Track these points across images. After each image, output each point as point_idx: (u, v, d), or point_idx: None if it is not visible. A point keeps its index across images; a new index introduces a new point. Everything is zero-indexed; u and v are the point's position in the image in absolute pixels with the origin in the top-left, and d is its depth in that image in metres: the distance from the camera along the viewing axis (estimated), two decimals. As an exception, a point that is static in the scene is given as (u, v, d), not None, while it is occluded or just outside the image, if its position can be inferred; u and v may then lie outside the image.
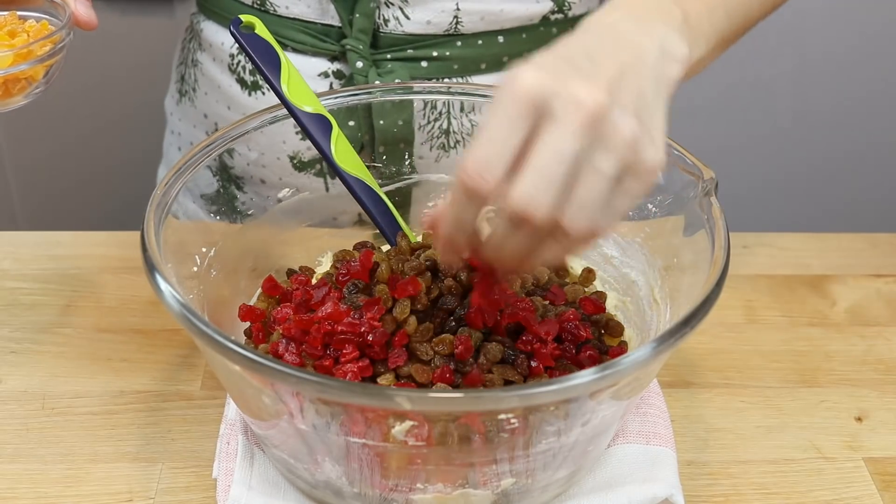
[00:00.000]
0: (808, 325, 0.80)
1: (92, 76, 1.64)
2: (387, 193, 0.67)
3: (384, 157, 0.78)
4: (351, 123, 0.77)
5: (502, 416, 0.49)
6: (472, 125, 0.76)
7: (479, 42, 0.80)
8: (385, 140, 0.77)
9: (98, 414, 0.67)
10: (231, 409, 0.63)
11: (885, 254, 0.89)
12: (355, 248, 0.68)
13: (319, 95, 0.66)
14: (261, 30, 0.64)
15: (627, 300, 0.67)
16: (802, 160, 1.76)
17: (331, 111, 0.66)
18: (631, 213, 0.76)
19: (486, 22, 0.78)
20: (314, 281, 0.66)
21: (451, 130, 0.75)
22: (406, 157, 0.78)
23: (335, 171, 0.64)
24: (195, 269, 0.61)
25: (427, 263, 0.61)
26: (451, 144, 0.76)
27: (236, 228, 0.69)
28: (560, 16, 0.80)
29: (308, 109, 0.64)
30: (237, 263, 0.66)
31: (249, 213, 0.70)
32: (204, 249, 0.62)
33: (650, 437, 0.62)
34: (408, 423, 0.49)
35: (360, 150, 0.79)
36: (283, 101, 0.63)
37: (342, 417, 0.50)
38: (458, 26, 0.78)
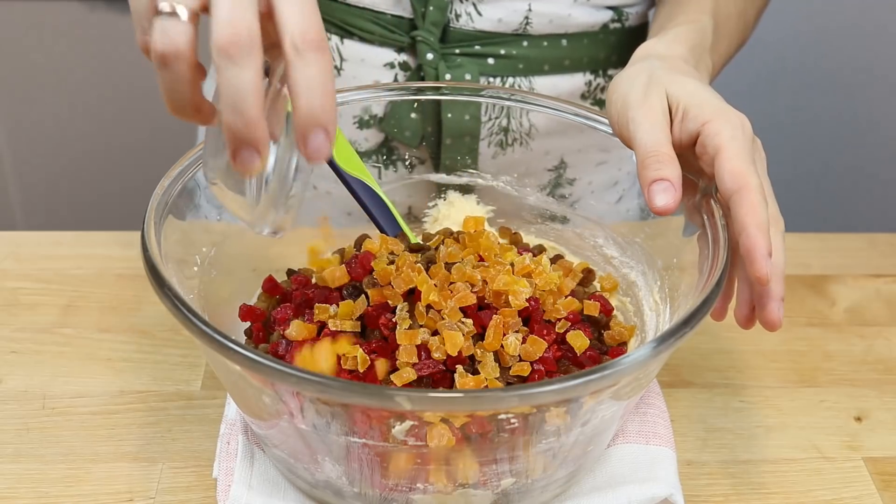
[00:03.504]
0: (807, 325, 0.80)
1: (91, 76, 1.65)
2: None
3: (450, 149, 0.78)
4: (413, 116, 0.78)
5: (502, 416, 0.49)
6: (530, 124, 0.77)
7: (545, 44, 0.81)
8: (452, 133, 0.78)
9: (98, 414, 0.67)
10: (231, 409, 0.63)
11: (885, 254, 0.89)
12: (356, 243, 0.68)
13: (385, 86, 0.69)
14: None
15: (627, 300, 0.67)
16: (801, 160, 1.76)
17: (395, 102, 0.67)
18: (631, 213, 0.76)
19: (554, 25, 0.80)
20: (314, 280, 0.66)
21: (509, 128, 0.75)
22: (470, 152, 0.78)
23: (335, 171, 0.64)
24: (195, 269, 0.61)
25: (430, 265, 0.61)
26: (509, 142, 0.77)
27: (236, 228, 0.69)
28: (618, 25, 0.83)
29: None
30: (237, 263, 0.66)
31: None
32: (204, 249, 0.62)
33: (650, 437, 0.62)
34: (408, 423, 0.49)
35: (419, 142, 0.79)
36: None
37: (342, 417, 0.50)
38: (528, 27, 0.79)
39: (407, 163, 0.80)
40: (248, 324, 0.63)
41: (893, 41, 1.64)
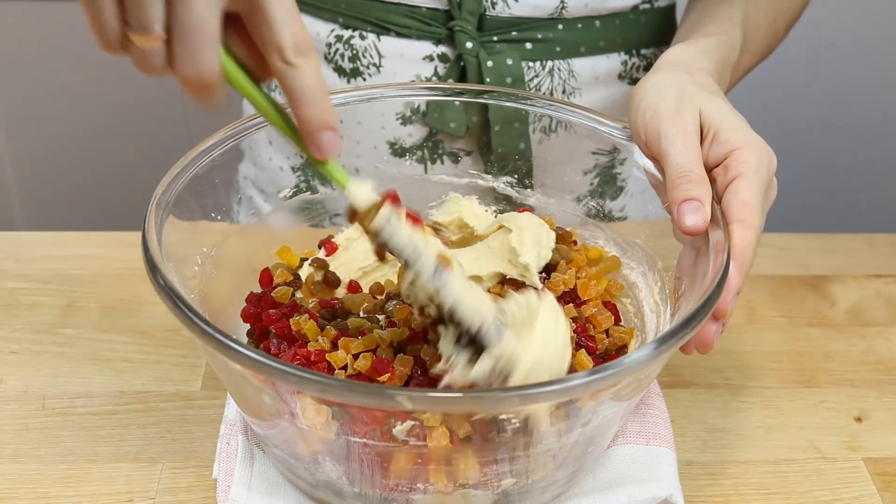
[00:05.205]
0: (807, 325, 0.80)
1: (91, 76, 1.64)
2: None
3: (500, 136, 0.78)
4: (457, 104, 0.78)
5: (503, 417, 0.49)
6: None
7: (579, 26, 0.82)
8: (499, 119, 0.78)
9: (98, 414, 0.67)
10: (231, 409, 0.63)
11: (885, 254, 0.89)
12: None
13: (427, 84, 0.74)
14: None
15: (628, 301, 0.67)
16: (802, 160, 1.76)
17: (438, 101, 0.73)
18: (631, 214, 0.76)
19: (589, 8, 0.81)
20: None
21: (551, 115, 0.76)
22: (521, 137, 0.78)
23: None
24: (195, 268, 0.61)
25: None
26: (552, 128, 0.77)
27: (236, 228, 0.69)
28: (647, 6, 0.84)
29: None
30: (237, 263, 0.66)
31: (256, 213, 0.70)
32: (205, 249, 0.62)
33: (650, 437, 0.62)
34: (409, 423, 0.49)
35: (465, 130, 0.80)
36: None
37: (343, 417, 0.50)
38: (563, 11, 0.80)
39: (454, 156, 0.80)
40: (248, 325, 0.63)
41: (894, 41, 1.64)
